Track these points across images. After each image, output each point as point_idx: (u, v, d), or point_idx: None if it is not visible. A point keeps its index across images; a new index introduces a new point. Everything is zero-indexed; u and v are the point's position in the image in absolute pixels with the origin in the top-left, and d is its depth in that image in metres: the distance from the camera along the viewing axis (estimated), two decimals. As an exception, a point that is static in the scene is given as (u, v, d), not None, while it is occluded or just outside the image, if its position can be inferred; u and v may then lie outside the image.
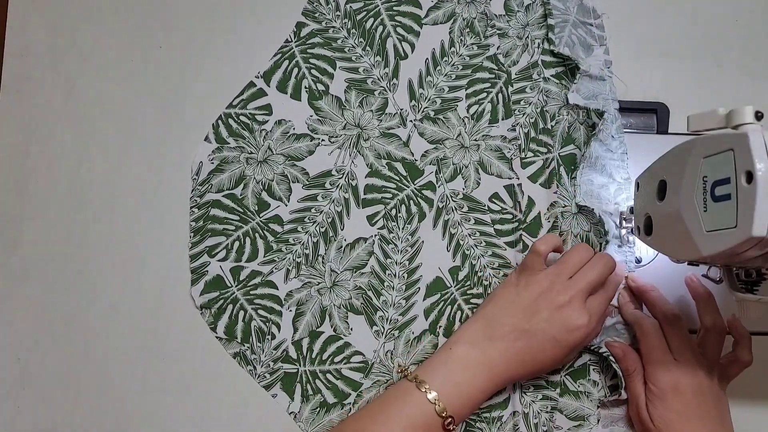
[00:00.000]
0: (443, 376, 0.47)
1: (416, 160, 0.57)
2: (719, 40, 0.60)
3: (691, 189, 0.42)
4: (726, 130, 0.41)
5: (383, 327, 0.55)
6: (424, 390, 0.46)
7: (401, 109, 0.58)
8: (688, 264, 0.49)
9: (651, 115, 0.58)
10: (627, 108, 0.57)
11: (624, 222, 0.54)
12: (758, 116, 0.39)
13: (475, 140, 0.58)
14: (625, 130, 0.56)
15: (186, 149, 0.57)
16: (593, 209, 0.54)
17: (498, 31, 0.59)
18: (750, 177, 0.37)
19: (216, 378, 0.54)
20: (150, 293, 0.55)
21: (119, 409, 0.54)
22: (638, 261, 0.54)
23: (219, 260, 0.56)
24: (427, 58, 0.59)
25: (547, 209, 0.57)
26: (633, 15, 0.60)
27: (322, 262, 0.56)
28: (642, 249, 0.55)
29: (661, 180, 0.46)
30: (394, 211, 0.57)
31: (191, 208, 0.56)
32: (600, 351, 0.53)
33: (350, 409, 0.54)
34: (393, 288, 0.56)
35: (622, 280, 0.53)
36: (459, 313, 0.55)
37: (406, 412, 0.46)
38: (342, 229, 0.56)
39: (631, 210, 0.53)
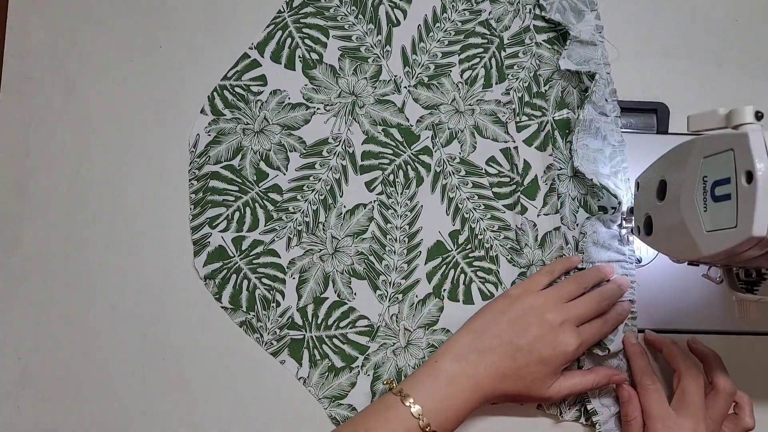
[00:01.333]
0: (428, 390, 0.46)
1: (412, 126, 0.58)
2: (719, 40, 0.60)
3: (691, 189, 0.42)
4: (726, 130, 0.41)
5: (386, 291, 0.56)
6: (408, 404, 0.45)
7: (395, 76, 0.58)
8: (688, 264, 0.48)
9: (651, 115, 0.58)
10: (627, 108, 0.57)
11: (624, 222, 0.54)
12: (758, 116, 0.39)
13: (470, 105, 0.58)
14: (625, 130, 0.56)
15: (186, 149, 0.57)
16: (591, 178, 0.53)
17: None
18: (750, 177, 0.37)
19: (216, 378, 0.54)
20: (150, 293, 0.55)
21: (119, 409, 0.54)
22: (638, 261, 0.54)
23: (220, 231, 0.56)
24: (420, 25, 0.59)
25: (544, 172, 0.57)
26: (633, 15, 0.60)
27: (323, 229, 0.56)
28: (642, 249, 0.55)
29: (661, 180, 0.46)
30: (392, 177, 0.57)
31: (190, 180, 0.57)
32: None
33: (358, 372, 0.54)
34: (394, 252, 0.56)
35: (627, 316, 0.52)
36: (462, 276, 0.56)
37: (389, 427, 0.45)
38: (341, 196, 0.57)
39: (631, 210, 0.53)
